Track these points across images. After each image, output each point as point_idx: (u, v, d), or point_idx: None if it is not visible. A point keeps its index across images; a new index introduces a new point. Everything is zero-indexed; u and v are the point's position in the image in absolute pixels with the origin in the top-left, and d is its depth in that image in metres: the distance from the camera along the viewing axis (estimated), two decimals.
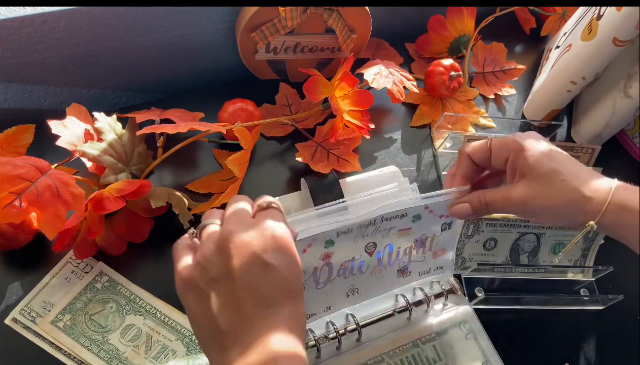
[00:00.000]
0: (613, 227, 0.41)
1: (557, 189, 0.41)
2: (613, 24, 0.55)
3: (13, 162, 0.42)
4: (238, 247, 0.33)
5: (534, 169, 0.42)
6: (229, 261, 0.33)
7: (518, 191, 0.42)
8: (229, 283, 0.32)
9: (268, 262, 0.33)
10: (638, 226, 0.39)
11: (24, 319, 0.47)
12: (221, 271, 0.33)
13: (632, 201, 0.40)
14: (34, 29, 0.51)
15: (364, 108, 0.59)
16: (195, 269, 0.34)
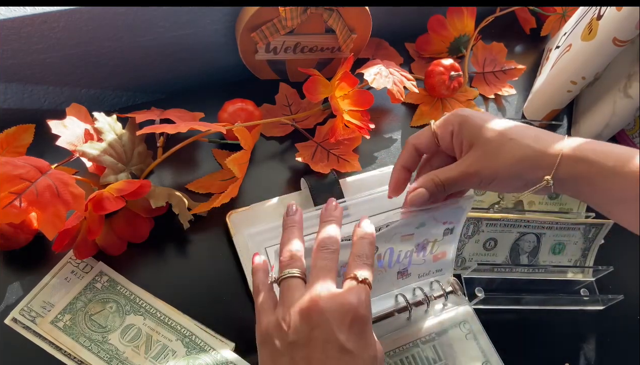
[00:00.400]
0: (569, 180, 0.38)
1: (507, 150, 0.39)
2: (613, 24, 0.55)
3: (13, 162, 0.42)
4: (321, 321, 0.33)
5: (480, 135, 0.40)
6: (311, 332, 0.33)
7: (469, 162, 0.40)
8: (305, 351, 0.33)
9: (345, 347, 0.33)
10: (593, 177, 0.37)
11: (24, 319, 0.47)
12: (300, 338, 0.33)
13: (587, 151, 0.38)
14: (33, 29, 0.51)
15: (364, 108, 0.59)
16: (276, 327, 0.35)
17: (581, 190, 0.39)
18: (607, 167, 0.36)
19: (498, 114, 0.71)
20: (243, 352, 0.48)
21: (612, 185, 0.37)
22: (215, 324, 0.49)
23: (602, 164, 0.37)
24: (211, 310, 0.50)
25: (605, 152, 0.37)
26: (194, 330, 0.48)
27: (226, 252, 0.53)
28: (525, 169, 0.39)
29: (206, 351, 0.48)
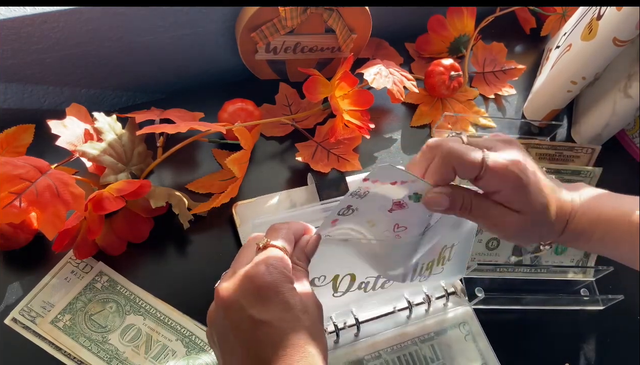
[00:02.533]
0: (570, 244, 0.45)
1: (544, 225, 0.41)
2: (613, 24, 0.55)
3: (13, 162, 0.42)
4: (229, 305, 0.33)
5: (531, 208, 0.40)
6: (225, 321, 0.33)
7: (511, 222, 0.40)
8: (229, 343, 0.33)
9: (256, 319, 0.32)
10: (590, 247, 0.44)
11: (24, 319, 0.47)
12: (221, 332, 0.33)
13: (588, 226, 0.42)
14: (33, 29, 0.51)
15: (363, 108, 0.59)
16: (208, 327, 0.35)
17: (581, 248, 0.47)
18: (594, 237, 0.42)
19: (498, 114, 0.71)
20: None
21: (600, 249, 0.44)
22: None
23: (590, 234, 0.42)
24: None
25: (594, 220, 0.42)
26: (194, 330, 0.48)
27: (226, 251, 0.53)
28: (538, 238, 0.43)
29: (206, 351, 0.48)
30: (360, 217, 0.40)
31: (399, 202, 0.40)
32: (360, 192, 0.38)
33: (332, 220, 0.39)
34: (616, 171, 0.64)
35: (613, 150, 0.68)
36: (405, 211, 0.40)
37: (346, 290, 0.44)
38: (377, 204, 0.40)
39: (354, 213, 0.40)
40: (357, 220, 0.40)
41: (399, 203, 0.40)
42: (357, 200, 0.39)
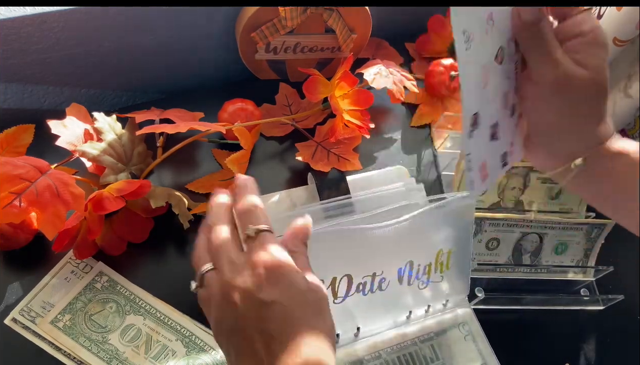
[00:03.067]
0: (598, 171, 0.41)
1: (597, 102, 0.39)
2: (613, 24, 0.55)
3: (13, 162, 0.42)
4: (241, 297, 0.33)
5: (600, 77, 0.38)
6: (236, 312, 0.33)
7: (580, 74, 0.38)
8: (243, 333, 0.33)
9: (265, 301, 0.32)
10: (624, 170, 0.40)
11: (24, 319, 0.47)
12: (233, 324, 0.33)
13: (628, 146, 0.41)
14: (33, 29, 0.51)
15: (363, 108, 0.59)
16: (215, 325, 0.35)
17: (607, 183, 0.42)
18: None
19: None
20: None
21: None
22: None
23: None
24: None
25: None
26: (193, 330, 0.48)
27: None
28: (580, 126, 0.40)
29: (206, 351, 0.48)
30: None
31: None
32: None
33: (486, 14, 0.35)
34: None
35: None
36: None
37: (345, 294, 0.44)
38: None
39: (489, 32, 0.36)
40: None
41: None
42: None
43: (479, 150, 0.39)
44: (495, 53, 0.37)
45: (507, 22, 0.38)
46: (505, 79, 0.40)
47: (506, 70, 0.39)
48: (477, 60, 0.36)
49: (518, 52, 0.40)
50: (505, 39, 0.38)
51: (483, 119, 0.38)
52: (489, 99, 0.38)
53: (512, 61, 0.40)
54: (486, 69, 0.37)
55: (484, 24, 0.35)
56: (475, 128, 0.37)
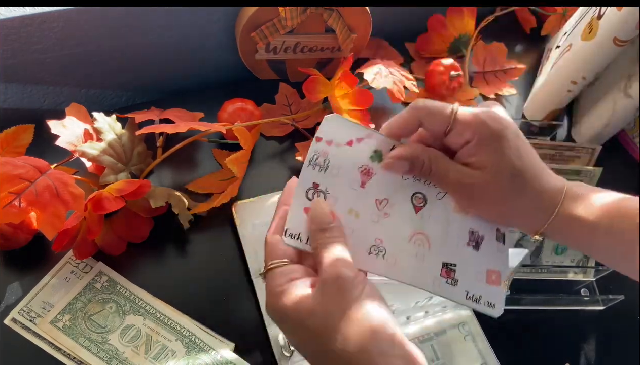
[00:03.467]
0: (560, 237, 0.38)
1: (521, 195, 0.36)
2: (613, 24, 0.55)
3: (12, 162, 0.42)
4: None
5: (501, 167, 0.36)
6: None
7: (477, 184, 0.36)
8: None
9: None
10: (583, 236, 0.37)
11: (24, 319, 0.47)
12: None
13: (580, 210, 0.36)
14: (33, 29, 0.51)
15: (363, 108, 0.59)
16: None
17: (569, 244, 0.40)
18: (599, 228, 0.36)
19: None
20: (243, 353, 0.48)
21: (604, 244, 0.36)
22: (215, 324, 0.49)
23: (595, 223, 0.36)
24: (211, 310, 0.50)
25: (598, 209, 0.36)
26: (193, 330, 0.48)
27: (226, 251, 0.53)
28: (519, 223, 0.39)
29: (206, 351, 0.48)
30: (338, 205, 0.36)
31: (365, 170, 0.37)
32: (320, 161, 0.36)
33: (303, 208, 0.36)
34: (616, 171, 0.64)
35: (613, 150, 0.68)
36: (377, 178, 0.37)
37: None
38: (346, 180, 0.36)
39: (327, 197, 0.36)
40: (338, 211, 0.36)
41: (366, 171, 0.37)
42: (322, 176, 0.36)
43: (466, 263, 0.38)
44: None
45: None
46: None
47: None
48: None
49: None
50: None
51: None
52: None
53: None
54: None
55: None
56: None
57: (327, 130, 0.36)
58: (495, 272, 0.39)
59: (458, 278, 0.38)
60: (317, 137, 0.36)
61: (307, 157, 0.36)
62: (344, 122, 0.37)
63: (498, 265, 0.39)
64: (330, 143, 0.36)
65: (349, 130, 0.37)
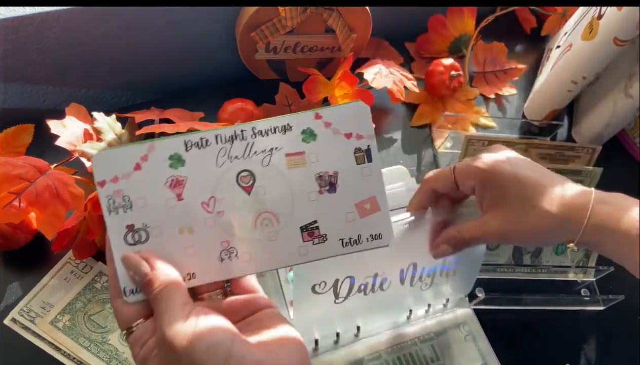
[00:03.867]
0: (593, 245, 0.39)
1: (531, 217, 0.38)
2: (614, 24, 0.55)
3: (12, 162, 0.42)
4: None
5: (503, 200, 0.39)
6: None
7: (492, 224, 0.40)
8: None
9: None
10: (617, 245, 0.37)
11: (23, 319, 0.46)
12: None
13: (611, 218, 0.37)
14: (33, 29, 0.51)
15: None
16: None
17: (605, 252, 0.39)
18: (630, 237, 0.36)
19: (498, 114, 0.71)
20: None
21: (635, 253, 0.36)
22: None
23: (626, 233, 0.36)
24: None
25: (630, 220, 0.37)
26: None
27: None
28: (550, 236, 0.40)
29: None
30: (166, 232, 0.32)
31: (173, 181, 0.32)
32: (119, 203, 0.32)
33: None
34: (617, 171, 0.64)
35: (614, 150, 0.68)
36: (190, 183, 0.32)
37: (347, 294, 0.44)
38: (159, 203, 0.32)
39: (150, 233, 0.32)
40: (168, 237, 0.32)
41: (174, 182, 0.32)
42: (130, 215, 0.32)
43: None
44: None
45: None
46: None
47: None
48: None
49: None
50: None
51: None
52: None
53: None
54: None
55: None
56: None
57: (103, 170, 0.31)
58: (368, 201, 0.35)
59: (325, 232, 0.34)
60: (97, 182, 0.31)
61: (102, 207, 0.31)
62: (116, 152, 0.32)
63: (368, 191, 0.35)
64: (117, 179, 0.32)
65: (127, 156, 0.32)
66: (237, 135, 0.33)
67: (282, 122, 0.33)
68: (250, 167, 0.33)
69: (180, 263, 0.32)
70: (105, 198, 0.31)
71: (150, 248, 0.32)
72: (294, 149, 0.34)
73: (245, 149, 0.33)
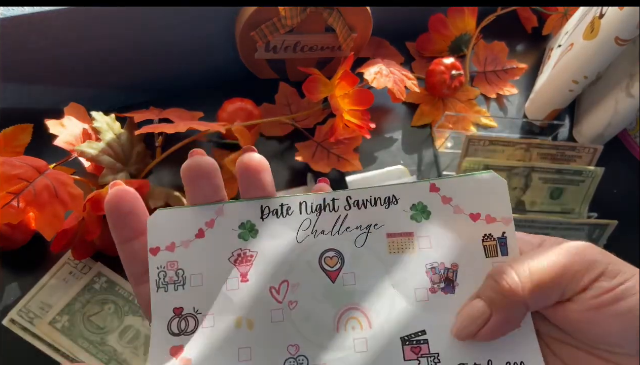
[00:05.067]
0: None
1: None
2: (615, 23, 0.55)
3: (11, 161, 0.42)
4: None
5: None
6: None
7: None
8: None
9: None
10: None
11: (22, 320, 0.46)
12: None
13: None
14: (32, 28, 0.50)
15: (364, 107, 0.59)
16: None
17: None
18: None
19: (499, 114, 0.70)
20: None
21: None
22: None
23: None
24: None
25: None
26: None
27: None
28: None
29: None
30: (217, 323, 0.25)
31: (240, 256, 0.26)
32: (171, 277, 0.25)
33: (169, 349, 0.24)
34: (618, 171, 0.64)
35: (615, 149, 0.68)
36: (261, 260, 0.26)
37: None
38: (218, 284, 0.25)
39: (200, 321, 0.25)
40: (219, 331, 0.25)
41: (241, 258, 0.26)
42: (182, 295, 0.25)
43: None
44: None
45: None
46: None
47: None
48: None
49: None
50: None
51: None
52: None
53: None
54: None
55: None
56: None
57: (159, 234, 0.25)
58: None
59: (438, 351, 0.24)
60: (150, 248, 0.25)
61: (150, 281, 0.25)
62: (178, 213, 0.26)
63: None
64: (173, 247, 0.25)
65: (190, 219, 0.26)
66: (326, 204, 0.26)
67: (385, 192, 0.26)
68: (339, 246, 0.26)
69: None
70: (155, 270, 0.25)
71: (195, 344, 0.24)
72: (399, 228, 0.26)
73: (335, 222, 0.26)
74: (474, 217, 0.26)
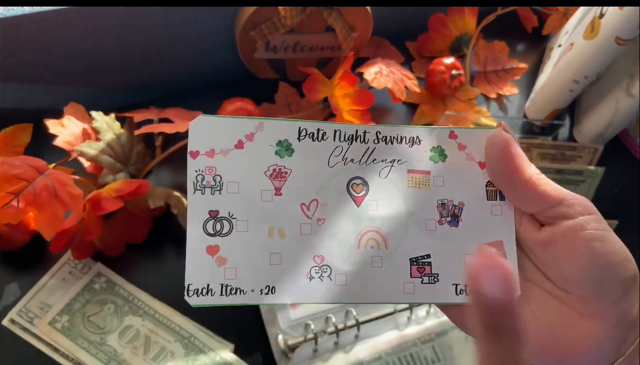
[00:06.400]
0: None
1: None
2: (615, 23, 0.54)
3: (10, 161, 0.42)
4: None
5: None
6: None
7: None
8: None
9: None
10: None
11: (22, 320, 0.46)
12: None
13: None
14: (32, 28, 0.50)
15: (364, 107, 0.59)
16: None
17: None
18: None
19: (499, 113, 0.70)
20: (242, 354, 0.47)
21: None
22: (215, 325, 0.49)
23: None
24: (210, 311, 0.50)
25: None
26: (193, 331, 0.48)
27: None
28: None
29: (205, 352, 0.47)
30: (252, 229, 0.27)
31: (276, 171, 0.28)
32: (208, 181, 0.27)
33: (206, 248, 0.27)
34: (618, 171, 0.64)
35: (615, 149, 0.68)
36: (294, 177, 0.28)
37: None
38: (253, 193, 0.28)
39: (234, 225, 0.27)
40: (253, 236, 0.27)
41: (276, 173, 0.28)
42: (218, 199, 0.27)
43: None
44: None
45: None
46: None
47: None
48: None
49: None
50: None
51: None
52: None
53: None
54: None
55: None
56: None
57: (200, 139, 0.27)
58: (493, 245, 0.28)
59: (437, 271, 0.28)
60: (190, 151, 0.27)
61: (188, 181, 0.27)
62: (219, 121, 0.27)
63: (495, 234, 0.29)
64: (213, 153, 0.27)
65: (230, 129, 0.27)
66: (358, 135, 0.28)
67: (411, 133, 0.29)
68: (366, 175, 0.29)
69: (261, 271, 0.27)
70: (194, 172, 0.27)
71: (231, 245, 0.27)
72: (419, 166, 0.29)
73: (364, 153, 0.28)
74: (481, 165, 0.29)
